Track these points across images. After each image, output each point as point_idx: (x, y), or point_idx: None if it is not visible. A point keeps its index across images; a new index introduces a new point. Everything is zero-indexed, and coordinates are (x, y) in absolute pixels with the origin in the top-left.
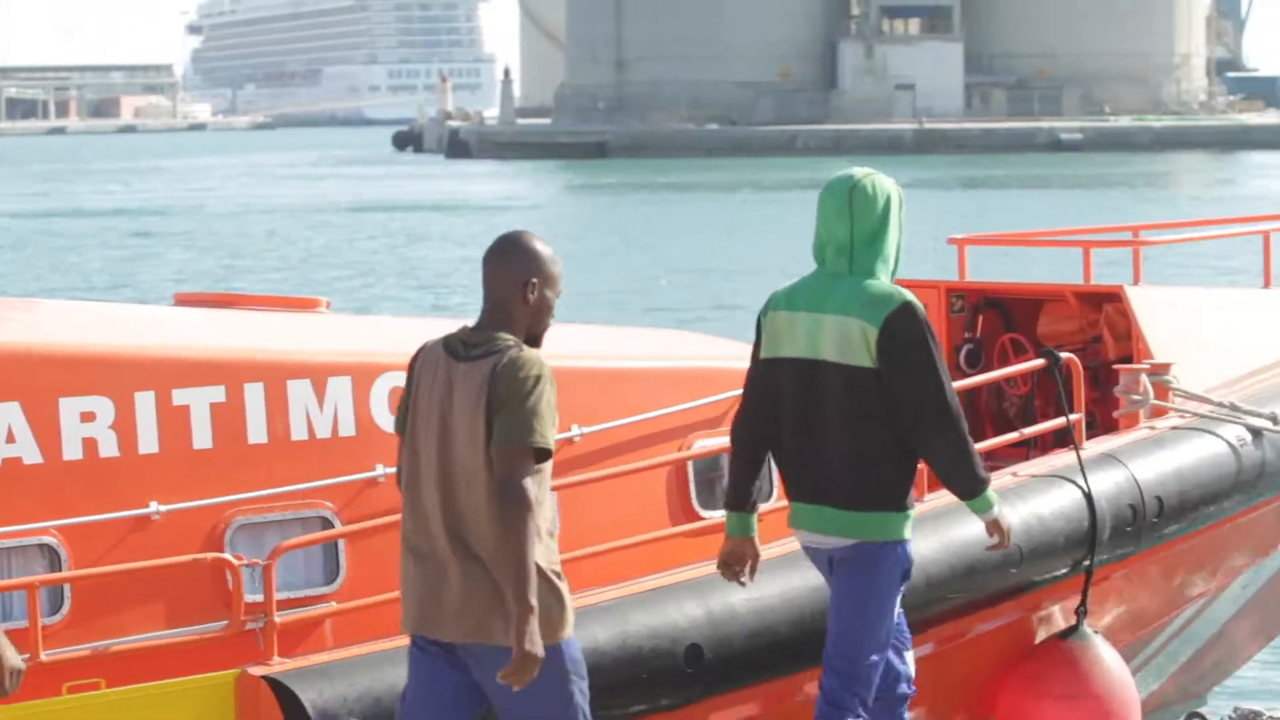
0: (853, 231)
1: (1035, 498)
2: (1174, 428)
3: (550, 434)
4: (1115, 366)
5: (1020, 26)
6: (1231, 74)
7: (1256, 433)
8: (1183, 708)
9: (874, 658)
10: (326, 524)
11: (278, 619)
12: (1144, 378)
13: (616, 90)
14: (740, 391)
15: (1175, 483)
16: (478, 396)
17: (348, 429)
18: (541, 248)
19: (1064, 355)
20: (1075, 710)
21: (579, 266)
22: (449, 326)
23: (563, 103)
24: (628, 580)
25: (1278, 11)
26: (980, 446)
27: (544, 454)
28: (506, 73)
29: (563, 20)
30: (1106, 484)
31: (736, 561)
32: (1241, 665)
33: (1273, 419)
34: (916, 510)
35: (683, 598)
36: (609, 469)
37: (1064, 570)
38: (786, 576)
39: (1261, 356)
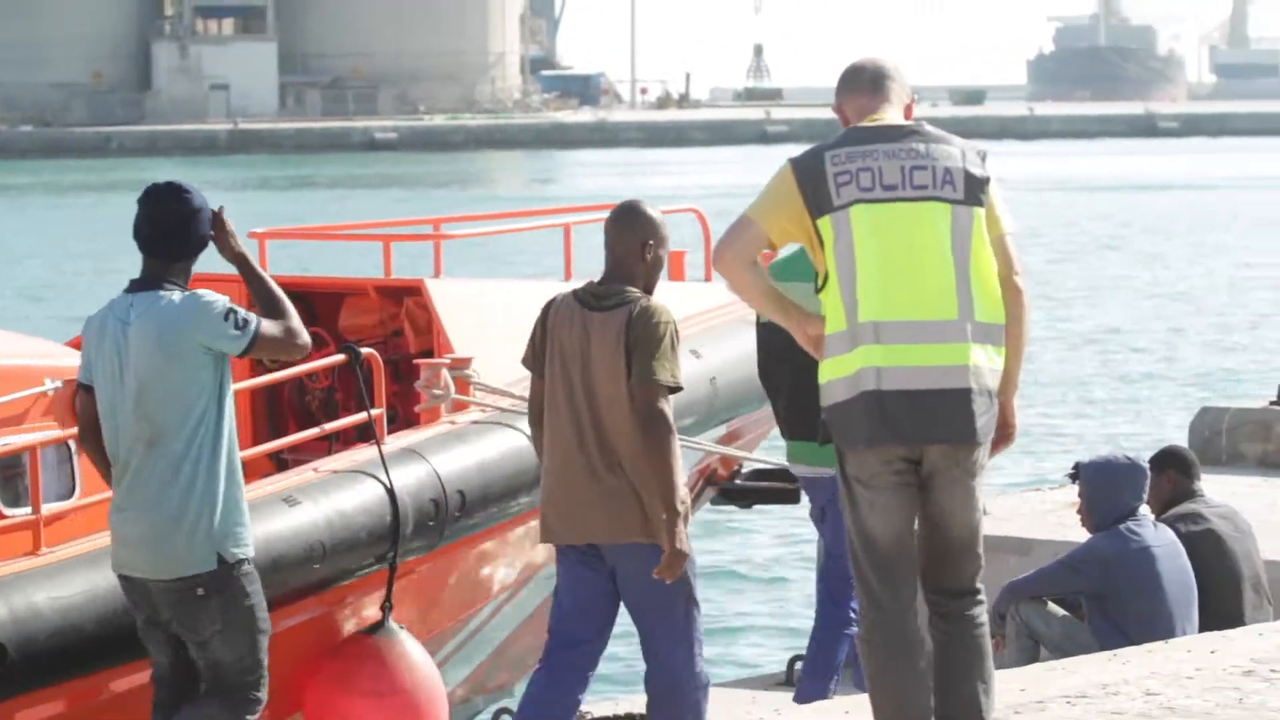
0: None
1: (337, 493)
2: (475, 422)
3: (679, 372)
4: (416, 361)
5: (335, 26)
6: (546, 72)
7: None
8: (489, 699)
9: None
10: None
11: None
12: (445, 372)
13: None
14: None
15: (477, 476)
16: (617, 339)
17: None
18: (655, 214)
19: (364, 350)
20: (382, 706)
21: None
22: None
23: None
24: None
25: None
26: (283, 442)
27: (676, 388)
28: None
29: None
30: (408, 478)
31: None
32: None
33: None
34: None
35: None
36: None
37: (368, 565)
38: (90, 576)
39: None
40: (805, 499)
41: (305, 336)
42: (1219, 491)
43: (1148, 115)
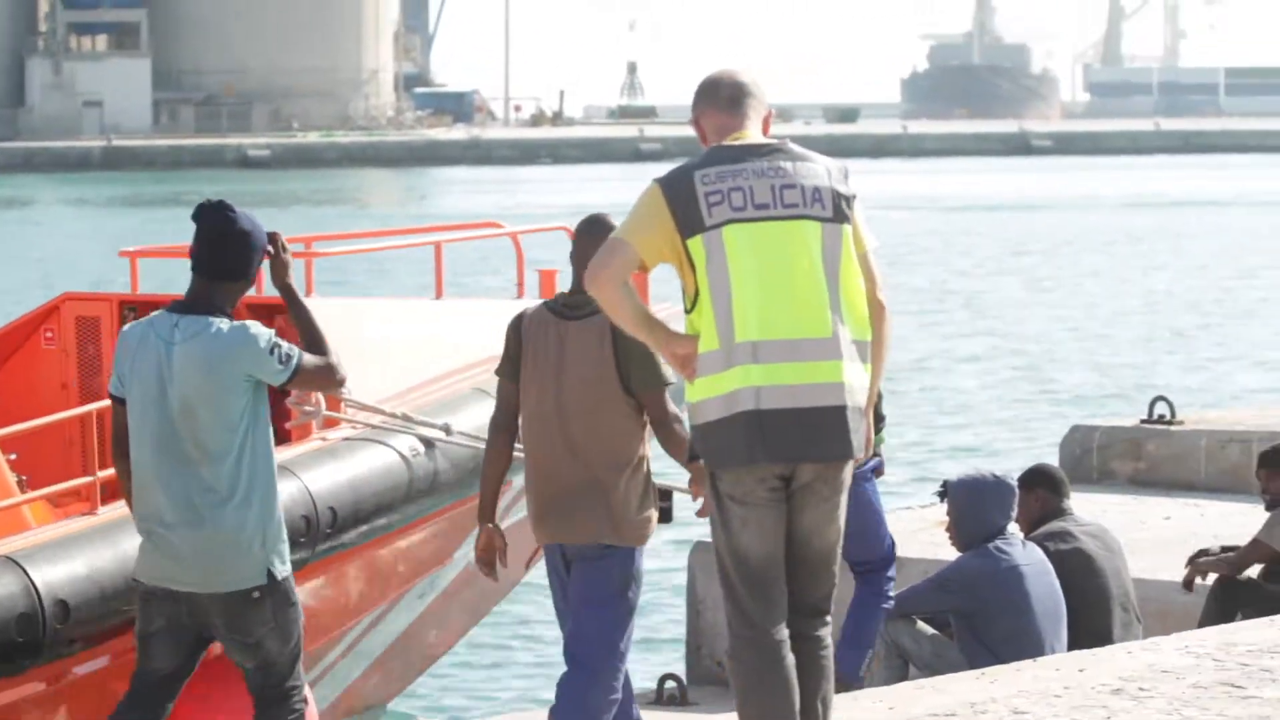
0: None
1: None
2: (346, 439)
3: (668, 370)
4: None
5: (209, 43)
6: (420, 89)
7: (429, 443)
8: (367, 716)
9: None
10: None
11: None
12: None
13: None
14: None
15: (349, 493)
16: (599, 345)
17: None
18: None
19: None
20: None
21: None
22: None
23: None
24: None
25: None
26: None
27: (670, 383)
28: None
29: None
30: (280, 495)
31: None
32: (422, 674)
33: (445, 429)
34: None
35: None
36: None
37: None
38: None
39: (434, 367)
40: (677, 518)
41: (343, 372)
42: (1089, 510)
43: (1022, 133)
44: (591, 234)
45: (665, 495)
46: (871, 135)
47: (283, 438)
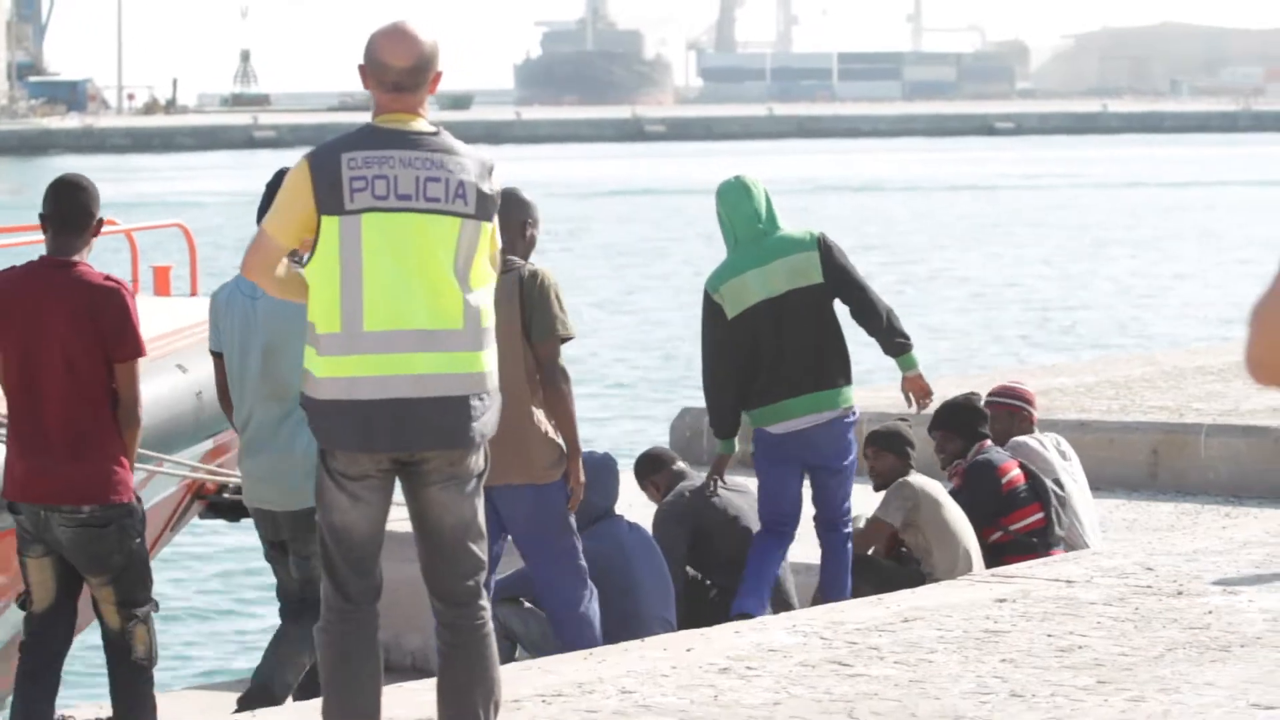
0: (756, 206)
1: None
2: None
3: (571, 324)
4: None
5: None
6: (33, 78)
7: None
8: None
9: None
10: None
11: None
12: None
13: None
14: None
15: None
16: (509, 300)
17: None
18: (530, 198)
19: None
20: None
21: None
22: None
23: None
24: None
25: (79, 16)
26: None
27: (569, 337)
28: None
29: None
30: None
31: (720, 471)
32: None
33: None
34: None
35: None
36: None
37: None
38: None
39: None
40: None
41: None
42: None
43: (635, 119)
44: (505, 206)
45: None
46: (485, 122)
47: None
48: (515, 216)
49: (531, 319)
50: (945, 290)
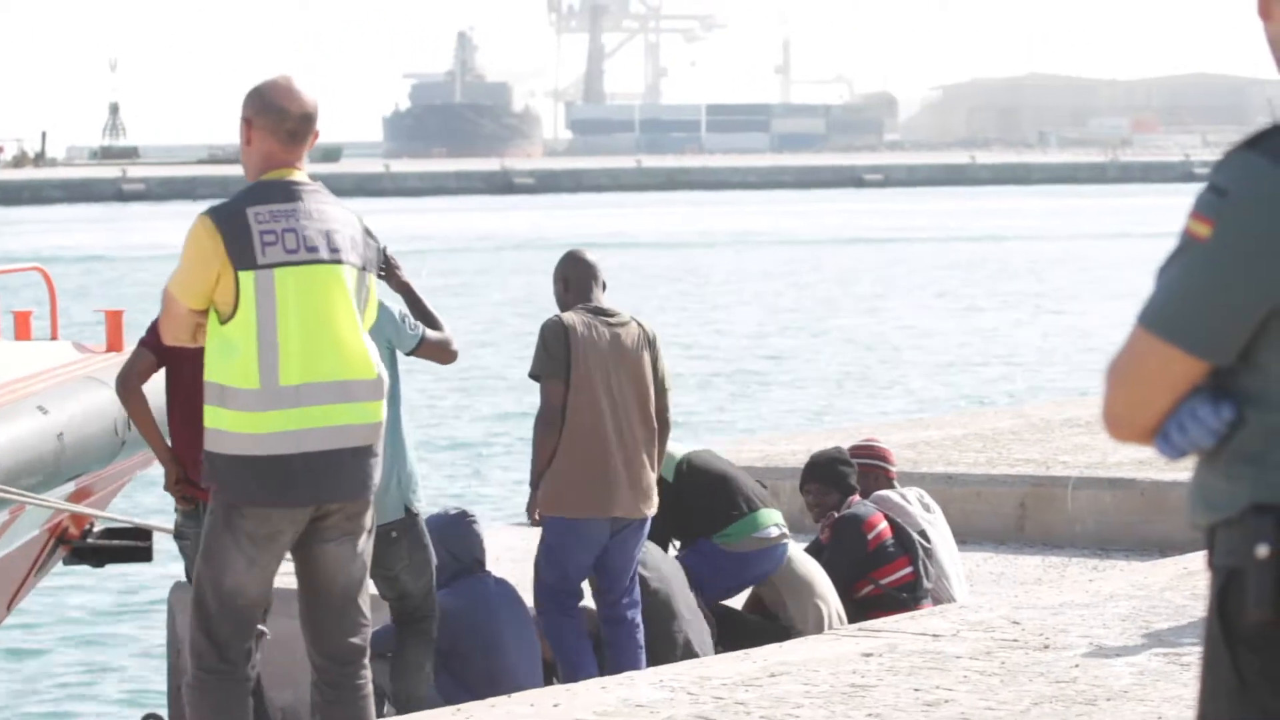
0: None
1: None
2: None
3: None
4: None
5: None
6: None
7: None
8: None
9: None
10: None
11: None
12: None
13: None
14: None
15: None
16: (640, 350)
17: None
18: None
19: None
20: None
21: None
22: None
23: None
24: None
25: None
26: None
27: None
28: None
29: None
30: None
31: None
32: None
33: None
34: None
35: None
36: None
37: None
38: None
39: None
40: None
41: (457, 345)
42: None
43: (504, 172)
44: (586, 267)
45: (145, 535)
46: (354, 174)
47: None
48: (597, 274)
49: (659, 370)
50: (813, 343)
